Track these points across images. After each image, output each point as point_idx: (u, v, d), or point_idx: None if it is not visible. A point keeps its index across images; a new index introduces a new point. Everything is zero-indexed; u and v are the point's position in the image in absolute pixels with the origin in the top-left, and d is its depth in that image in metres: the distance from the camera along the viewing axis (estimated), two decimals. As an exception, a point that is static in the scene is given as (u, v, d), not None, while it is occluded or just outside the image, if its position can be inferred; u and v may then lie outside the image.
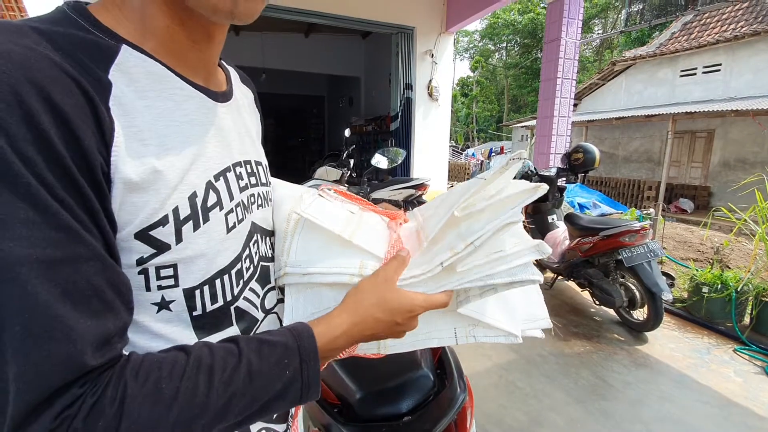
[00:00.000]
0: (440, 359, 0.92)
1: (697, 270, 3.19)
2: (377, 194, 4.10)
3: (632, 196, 10.89)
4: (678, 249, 4.62)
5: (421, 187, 4.39)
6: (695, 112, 8.48)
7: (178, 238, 0.39)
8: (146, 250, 0.38)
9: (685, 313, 3.14)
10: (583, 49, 23.20)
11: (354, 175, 4.67)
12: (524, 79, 26.48)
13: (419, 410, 0.73)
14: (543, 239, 3.92)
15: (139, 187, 0.36)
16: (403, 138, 6.75)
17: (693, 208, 9.29)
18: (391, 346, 0.55)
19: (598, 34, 25.10)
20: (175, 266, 0.40)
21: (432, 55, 6.48)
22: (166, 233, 0.38)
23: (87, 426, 0.30)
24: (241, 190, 0.48)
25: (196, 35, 0.43)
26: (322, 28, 7.98)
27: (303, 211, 0.50)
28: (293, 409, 0.60)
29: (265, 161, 0.57)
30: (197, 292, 0.43)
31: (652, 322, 2.77)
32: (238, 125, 0.50)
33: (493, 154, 19.62)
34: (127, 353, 0.36)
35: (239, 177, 0.48)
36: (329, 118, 12.48)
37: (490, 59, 30.15)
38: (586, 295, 3.47)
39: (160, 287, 0.40)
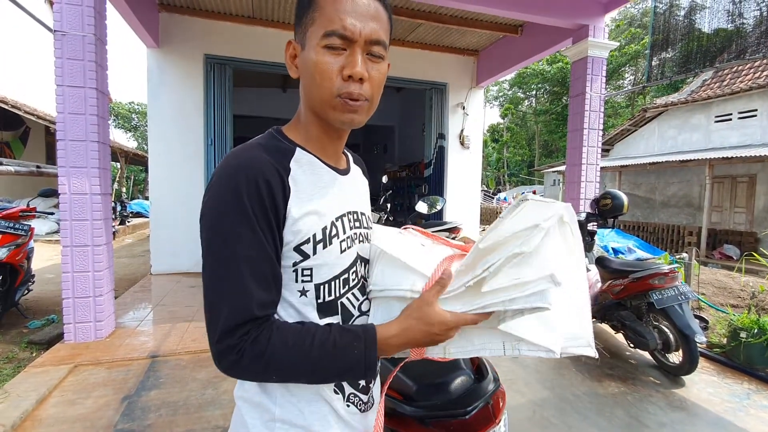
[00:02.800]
0: (478, 366, 1.16)
1: (734, 315, 3.20)
2: (416, 236, 4.41)
3: (672, 241, 10.59)
4: (717, 295, 4.54)
5: (454, 230, 4.65)
6: (732, 157, 8.40)
7: (314, 252, 0.69)
8: (298, 257, 0.68)
9: (724, 359, 3.12)
10: (614, 95, 23.39)
11: (391, 218, 4.99)
12: (555, 124, 26.75)
13: (462, 396, 0.97)
14: (575, 282, 4.01)
15: (299, 221, 0.67)
16: (437, 183, 7.10)
17: (739, 254, 8.92)
18: (453, 353, 0.70)
19: (629, 82, 25.33)
20: (311, 269, 0.70)
21: (463, 108, 6.94)
22: (309, 248, 0.68)
23: (252, 346, 0.59)
24: (351, 228, 0.77)
25: (332, 137, 0.77)
26: (361, 84, 8.66)
27: (378, 242, 0.78)
28: (374, 388, 0.82)
29: (368, 212, 0.87)
30: (321, 286, 0.71)
31: (688, 365, 2.79)
32: (352, 189, 0.82)
33: (525, 198, 19.61)
34: (277, 317, 0.67)
35: (350, 220, 0.78)
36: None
37: (519, 106, 30.81)
38: (620, 337, 3.50)
39: (302, 281, 0.70)
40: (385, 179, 5.89)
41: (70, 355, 2.93)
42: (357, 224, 0.80)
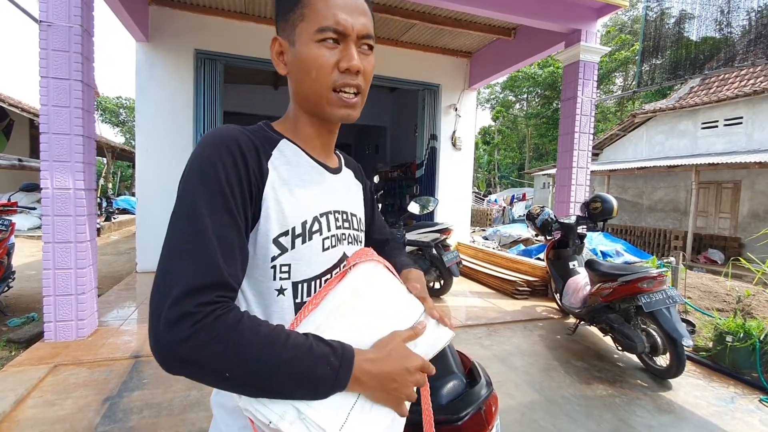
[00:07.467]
0: (470, 370, 1.13)
1: (720, 319, 3.23)
2: (410, 236, 4.44)
3: (658, 245, 10.74)
4: (703, 299, 4.60)
5: (445, 231, 4.65)
6: (718, 163, 8.55)
7: (293, 246, 0.66)
8: (276, 251, 0.65)
9: (711, 362, 3.15)
10: (603, 99, 23.68)
11: (382, 219, 4.99)
12: (545, 128, 26.98)
13: (454, 402, 0.95)
14: (565, 284, 4.04)
15: (276, 209, 0.64)
16: (428, 184, 7.09)
17: (723, 259, 9.08)
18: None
19: (618, 87, 25.68)
20: (289, 265, 0.66)
21: (456, 109, 6.95)
22: (287, 241, 0.65)
23: (215, 323, 0.50)
24: (337, 227, 0.75)
25: (322, 132, 0.75)
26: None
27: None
28: None
29: (360, 214, 0.84)
30: (299, 285, 0.68)
31: (675, 368, 2.81)
32: (342, 188, 0.80)
33: (515, 200, 19.77)
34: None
35: (336, 219, 0.75)
36: (356, 164, 13.10)
37: (510, 109, 31.02)
38: (608, 340, 3.53)
39: (280, 278, 0.66)
40: (376, 179, 5.86)
41: (50, 354, 2.84)
42: (346, 224, 0.78)
